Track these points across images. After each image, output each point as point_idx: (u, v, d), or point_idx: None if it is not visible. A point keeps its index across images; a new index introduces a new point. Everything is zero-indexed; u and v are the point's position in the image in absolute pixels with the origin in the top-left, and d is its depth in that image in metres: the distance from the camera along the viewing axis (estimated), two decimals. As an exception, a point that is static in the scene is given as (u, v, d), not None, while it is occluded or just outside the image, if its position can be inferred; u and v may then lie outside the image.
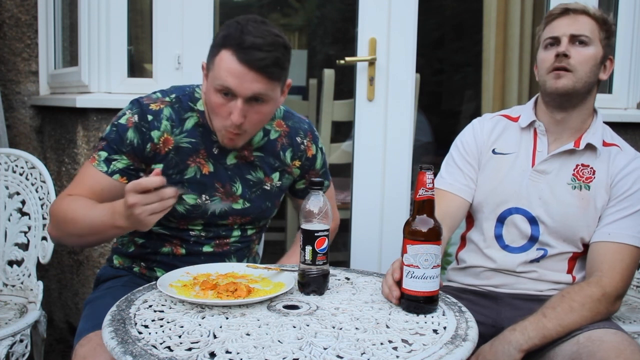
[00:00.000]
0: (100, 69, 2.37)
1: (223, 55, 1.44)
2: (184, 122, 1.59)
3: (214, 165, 1.61)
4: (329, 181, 1.83)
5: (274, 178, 1.70)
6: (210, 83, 1.49)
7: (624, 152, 1.67)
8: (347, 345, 1.11)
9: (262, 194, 1.68)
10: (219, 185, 1.62)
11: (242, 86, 1.44)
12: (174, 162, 1.58)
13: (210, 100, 1.50)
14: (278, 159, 1.69)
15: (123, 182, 1.53)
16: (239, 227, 1.69)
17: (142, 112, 1.56)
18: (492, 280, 1.71)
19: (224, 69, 1.44)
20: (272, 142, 1.68)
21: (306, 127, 1.76)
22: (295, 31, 5.24)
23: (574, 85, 1.60)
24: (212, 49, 1.50)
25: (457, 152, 1.78)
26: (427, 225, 1.29)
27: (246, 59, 1.42)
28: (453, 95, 4.96)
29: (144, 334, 1.15)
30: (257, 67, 1.42)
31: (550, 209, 1.65)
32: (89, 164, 1.58)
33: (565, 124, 1.67)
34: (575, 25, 1.61)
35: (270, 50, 1.43)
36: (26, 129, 2.74)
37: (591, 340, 1.44)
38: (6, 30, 2.67)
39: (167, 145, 1.57)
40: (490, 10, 2.84)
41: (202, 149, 1.60)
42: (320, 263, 1.38)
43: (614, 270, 1.55)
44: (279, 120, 1.72)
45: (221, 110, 1.49)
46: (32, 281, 2.07)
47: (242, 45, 1.42)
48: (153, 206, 1.31)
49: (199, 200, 1.60)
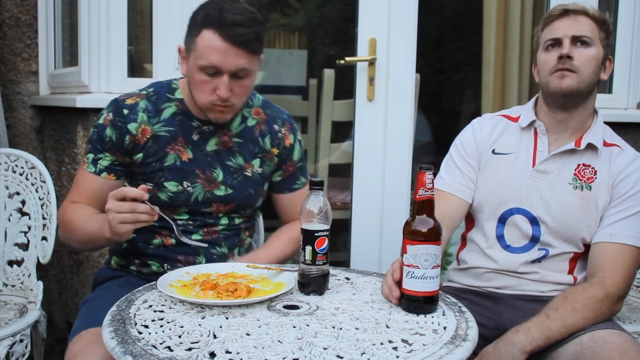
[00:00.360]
0: (100, 69, 2.37)
1: (205, 35, 1.50)
2: (162, 112, 1.65)
3: (193, 152, 1.66)
4: (305, 177, 1.85)
5: (255, 164, 1.72)
6: (193, 63, 1.54)
7: (625, 152, 1.67)
8: (347, 345, 1.11)
9: (243, 181, 1.70)
10: (200, 171, 1.65)
11: (227, 62, 1.50)
12: (152, 151, 1.63)
13: (195, 79, 1.55)
14: (257, 145, 1.72)
15: (111, 179, 1.63)
16: (226, 215, 1.71)
17: (117, 109, 1.63)
18: (494, 282, 1.71)
19: (208, 47, 1.49)
20: (250, 128, 1.72)
21: (285, 117, 1.80)
22: (295, 31, 5.24)
23: (577, 86, 1.59)
24: (190, 30, 1.55)
25: (456, 153, 1.77)
26: (427, 225, 1.29)
27: (229, 36, 1.48)
28: (453, 95, 4.96)
29: (144, 334, 1.15)
30: (240, 43, 1.49)
31: (551, 209, 1.64)
32: (81, 168, 1.66)
33: (567, 124, 1.66)
34: (576, 26, 1.61)
35: (251, 25, 1.51)
36: (26, 129, 2.74)
37: (595, 340, 1.43)
38: (6, 30, 2.67)
39: (145, 135, 1.63)
40: (490, 10, 2.84)
41: (180, 137, 1.65)
42: (320, 263, 1.38)
43: (616, 271, 1.54)
44: (257, 108, 1.76)
45: (206, 87, 1.54)
46: (32, 281, 2.07)
47: (224, 23, 1.48)
48: (124, 215, 1.37)
49: (180, 187, 1.64)
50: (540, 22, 1.69)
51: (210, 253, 1.69)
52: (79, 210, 1.61)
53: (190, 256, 1.67)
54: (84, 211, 1.60)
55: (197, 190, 1.65)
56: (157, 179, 1.64)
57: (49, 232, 2.05)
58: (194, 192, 1.65)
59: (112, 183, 1.63)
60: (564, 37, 1.61)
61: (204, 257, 1.68)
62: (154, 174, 1.63)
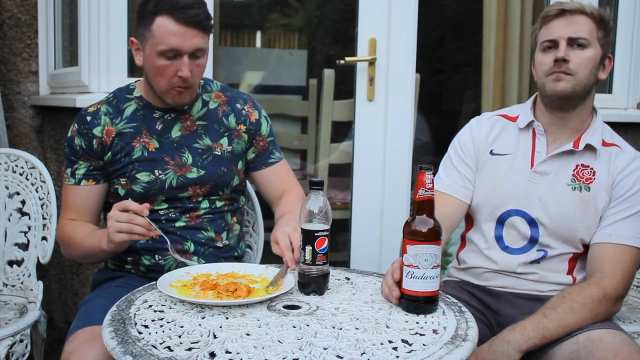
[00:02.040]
0: (100, 69, 2.37)
1: (160, 21, 1.57)
2: (123, 111, 1.73)
3: (159, 141, 1.71)
4: (280, 153, 1.89)
5: (223, 143, 1.76)
6: (150, 50, 1.60)
7: (624, 152, 1.66)
8: (347, 345, 1.11)
9: (214, 160, 1.74)
10: (168, 158, 1.71)
11: (185, 43, 1.58)
12: (119, 147, 1.70)
13: (155, 65, 1.61)
14: (222, 125, 1.77)
15: (91, 184, 1.72)
16: (205, 199, 1.75)
17: (81, 118, 1.72)
18: (493, 281, 1.71)
19: (165, 32, 1.57)
20: (212, 111, 1.78)
21: (246, 97, 1.86)
22: (295, 31, 5.24)
23: (573, 88, 1.59)
24: (143, 20, 1.61)
25: (454, 153, 1.77)
26: (426, 225, 1.29)
27: (184, 18, 1.56)
28: (453, 95, 4.96)
29: (144, 334, 1.15)
30: (195, 23, 1.58)
31: (550, 210, 1.64)
32: (64, 185, 1.76)
33: (565, 125, 1.66)
34: (573, 27, 1.59)
35: (200, 6, 1.60)
36: (26, 129, 2.74)
37: (590, 340, 1.43)
38: (6, 30, 2.67)
39: (110, 135, 1.70)
40: (490, 10, 2.84)
41: (144, 130, 1.71)
42: (320, 263, 1.38)
43: (615, 271, 1.54)
44: (217, 92, 1.82)
45: (167, 71, 1.61)
46: (32, 281, 2.07)
47: (177, 7, 1.56)
48: (121, 225, 1.45)
49: (153, 176, 1.69)
50: (538, 20, 1.67)
51: (197, 237, 1.72)
52: (77, 229, 1.68)
53: (178, 244, 1.69)
54: (82, 229, 1.67)
55: (170, 177, 1.70)
56: (129, 172, 1.69)
57: (49, 232, 2.05)
58: (167, 178, 1.69)
59: (94, 189, 1.72)
60: (560, 38, 1.59)
61: (191, 242, 1.71)
62: (124, 168, 1.69)
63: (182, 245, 1.70)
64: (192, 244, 1.71)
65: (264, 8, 5.07)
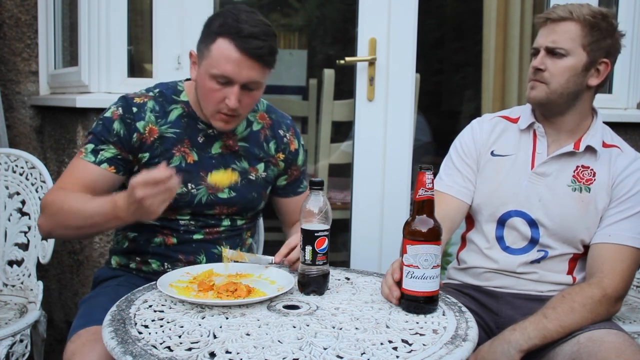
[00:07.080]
0: (100, 69, 2.37)
1: (221, 43, 1.50)
2: (168, 113, 1.65)
3: (199, 154, 1.66)
4: (306, 181, 1.85)
5: (259, 169, 1.73)
6: (204, 70, 1.54)
7: (624, 153, 1.66)
8: (347, 345, 1.11)
9: (247, 184, 1.70)
10: (204, 174, 1.65)
11: (239, 73, 1.50)
12: (159, 151, 1.62)
13: (205, 85, 1.55)
14: (262, 150, 1.73)
15: (111, 172, 1.60)
16: (228, 217, 1.71)
17: (127, 105, 1.63)
18: (493, 281, 1.71)
19: (222, 56, 1.49)
20: (255, 133, 1.73)
21: (289, 123, 1.81)
22: (295, 31, 5.23)
23: (547, 97, 1.61)
24: (205, 37, 1.54)
25: (455, 154, 1.77)
26: (427, 225, 1.29)
27: (245, 47, 1.48)
28: (453, 96, 4.95)
29: (144, 334, 1.15)
30: (255, 55, 1.49)
31: (550, 211, 1.64)
32: (77, 157, 1.61)
33: (560, 127, 1.67)
34: (551, 37, 1.60)
35: (266, 39, 1.51)
36: (26, 129, 2.74)
37: (592, 340, 1.43)
38: (6, 30, 2.67)
39: (152, 134, 1.62)
40: (490, 10, 2.84)
41: (186, 139, 1.65)
42: (320, 263, 1.38)
43: (615, 272, 1.54)
44: (262, 113, 1.77)
45: (215, 95, 1.54)
46: (32, 281, 2.07)
47: (241, 34, 1.48)
48: (163, 196, 1.34)
49: (185, 189, 1.63)
50: None
51: (212, 253, 1.69)
52: (73, 194, 1.54)
53: (190, 256, 1.66)
54: (79, 195, 1.53)
55: (201, 193, 1.65)
56: None
57: (49, 232, 2.05)
58: (198, 194, 1.64)
59: (109, 176, 1.60)
60: (540, 47, 1.62)
61: (204, 256, 1.68)
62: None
63: (195, 258, 1.67)
64: (205, 258, 1.67)
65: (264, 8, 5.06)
